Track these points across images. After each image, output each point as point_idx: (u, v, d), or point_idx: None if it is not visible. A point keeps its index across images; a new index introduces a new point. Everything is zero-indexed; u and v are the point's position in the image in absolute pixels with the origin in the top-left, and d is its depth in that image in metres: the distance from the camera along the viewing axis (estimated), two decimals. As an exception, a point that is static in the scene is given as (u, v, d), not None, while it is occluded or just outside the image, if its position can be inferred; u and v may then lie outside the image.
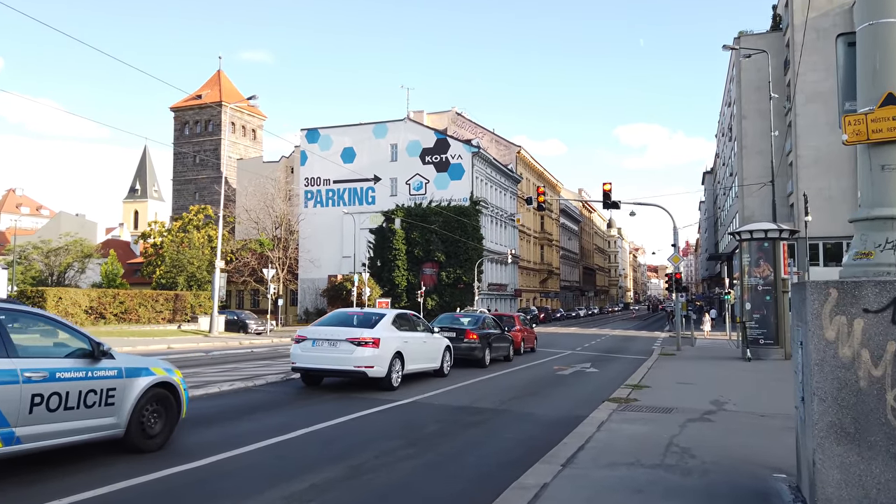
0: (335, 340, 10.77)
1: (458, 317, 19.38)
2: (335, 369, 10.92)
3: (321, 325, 11.80)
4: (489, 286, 60.55)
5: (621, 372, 15.97)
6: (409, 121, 60.39)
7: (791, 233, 20.37)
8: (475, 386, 12.42)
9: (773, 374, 14.95)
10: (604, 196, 24.99)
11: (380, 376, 10.79)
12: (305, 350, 10.91)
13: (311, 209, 61.74)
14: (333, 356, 10.70)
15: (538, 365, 17.94)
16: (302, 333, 11.27)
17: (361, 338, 10.63)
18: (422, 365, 12.54)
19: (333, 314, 12.48)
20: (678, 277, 24.55)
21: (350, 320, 11.59)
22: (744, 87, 51.02)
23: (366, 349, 10.57)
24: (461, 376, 13.85)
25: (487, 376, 14.25)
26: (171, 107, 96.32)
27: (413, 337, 12.24)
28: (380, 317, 11.59)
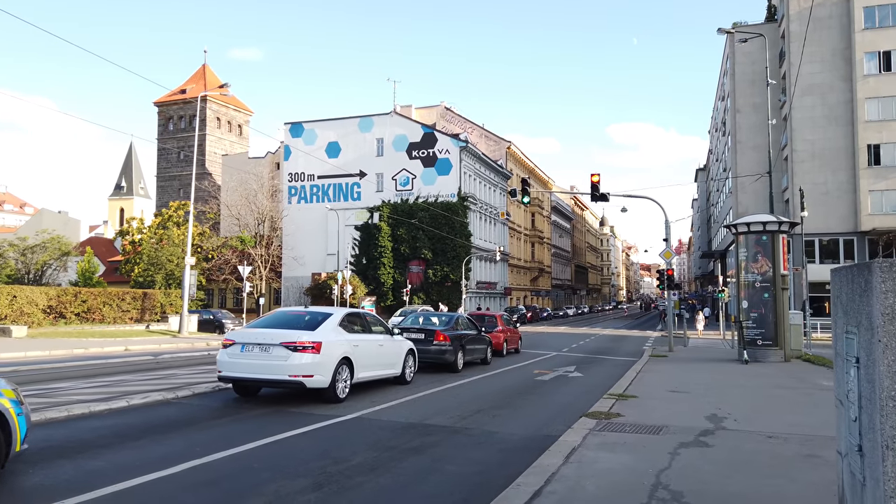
0: (268, 345, 9.18)
1: (428, 316, 17.73)
2: (267, 379, 9.34)
3: (255, 326, 10.31)
4: (478, 284, 59.05)
5: (607, 377, 14.48)
6: (396, 114, 58.77)
7: (791, 225, 18.95)
8: (439, 396, 10.88)
9: (773, 380, 13.49)
10: (592, 188, 23.49)
11: (321, 386, 9.30)
12: (233, 356, 9.36)
13: (295, 205, 60.08)
14: (265, 364, 9.13)
15: (518, 369, 16.42)
16: (230, 337, 9.74)
17: (299, 342, 9.11)
18: (377, 372, 11.08)
19: (273, 314, 10.98)
20: (670, 274, 23.09)
21: (290, 321, 10.10)
22: (738, 81, 49.70)
23: (304, 355, 9.05)
24: (427, 383, 12.33)
25: (457, 383, 12.73)
26: (154, 101, 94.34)
27: (366, 340, 10.75)
28: (325, 317, 10.08)
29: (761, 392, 11.43)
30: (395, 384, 11.81)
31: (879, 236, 42.29)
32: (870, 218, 42.27)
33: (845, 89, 43.61)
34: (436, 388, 11.71)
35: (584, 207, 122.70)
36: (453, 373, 14.56)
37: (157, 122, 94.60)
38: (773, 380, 13.57)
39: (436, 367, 14.82)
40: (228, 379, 9.51)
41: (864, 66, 42.89)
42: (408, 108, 67.27)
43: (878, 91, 42.53)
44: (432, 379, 13.11)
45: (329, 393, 9.41)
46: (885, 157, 42.35)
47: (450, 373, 14.51)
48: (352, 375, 9.98)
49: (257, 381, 9.54)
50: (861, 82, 42.81)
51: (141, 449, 6.18)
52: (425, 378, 13.09)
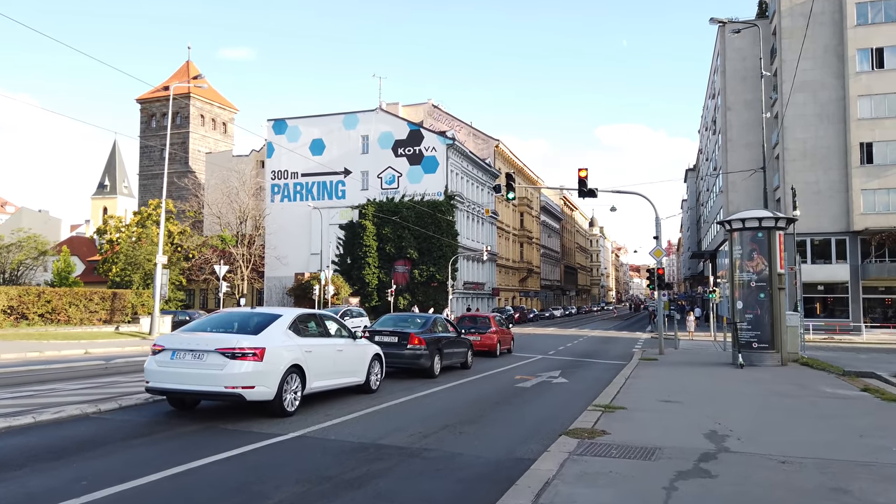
0: (201, 351, 7.98)
1: (402, 318, 16.74)
2: (199, 391, 8.06)
3: (191, 329, 9.05)
4: (465, 285, 57.92)
5: (594, 383, 13.39)
6: (381, 111, 57.55)
7: (788, 221, 17.94)
8: (404, 407, 9.72)
9: (772, 386, 12.44)
10: (579, 183, 22.44)
11: (265, 399, 8.13)
12: (163, 364, 8.15)
13: (279, 204, 58.67)
14: (198, 373, 7.91)
15: (499, 374, 15.29)
16: (160, 341, 8.53)
17: (238, 347, 7.93)
18: (336, 380, 9.95)
19: (215, 315, 9.71)
20: (661, 273, 22.04)
21: (232, 324, 8.95)
22: (729, 77, 48.91)
23: (244, 363, 7.86)
24: (395, 392, 11.18)
25: (429, 391, 11.59)
26: (137, 98, 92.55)
27: (322, 345, 9.63)
28: (272, 319, 8.87)
29: (761, 401, 10.35)
30: (358, 393, 10.71)
31: (872, 236, 41.57)
32: (862, 217, 41.53)
33: (837, 87, 42.88)
34: (403, 398, 10.56)
35: (573, 208, 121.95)
36: (430, 378, 13.53)
37: (140, 120, 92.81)
38: (771, 386, 12.52)
39: (411, 373, 13.87)
40: (157, 391, 8.25)
41: (856, 63, 42.16)
42: (394, 105, 66.09)
43: (870, 88, 41.82)
44: (404, 386, 11.97)
45: (275, 406, 8.25)
46: (877, 155, 41.63)
47: (426, 379, 13.47)
48: (303, 385, 8.84)
49: (189, 394, 8.28)
50: (853, 79, 42.09)
51: (9, 483, 4.98)
52: (397, 385, 11.97)
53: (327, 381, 9.63)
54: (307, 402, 9.16)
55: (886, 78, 41.49)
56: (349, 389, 10.57)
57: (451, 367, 15.49)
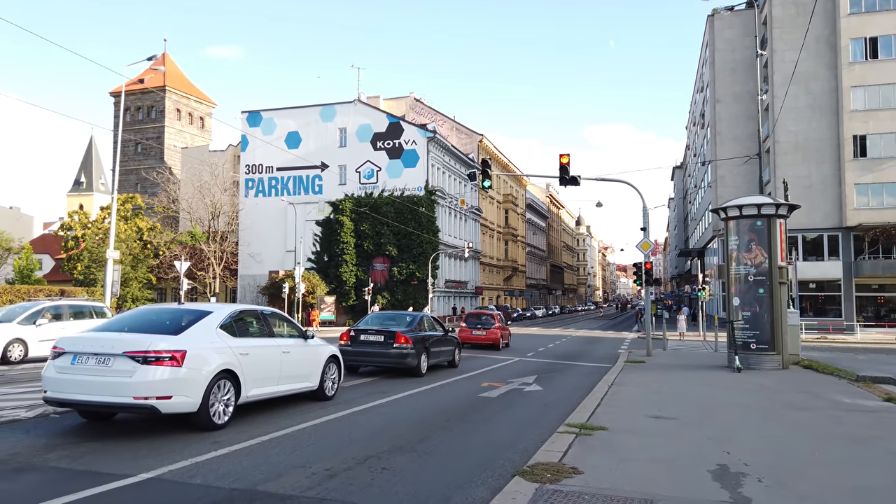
0: (107, 355, 6.69)
1: (388, 317, 16.52)
2: (104, 403, 6.72)
3: (98, 329, 7.69)
4: (447, 283, 55.98)
5: (571, 392, 11.51)
6: (360, 103, 55.43)
7: (790, 208, 16.16)
8: (336, 425, 7.79)
9: (779, 395, 10.62)
10: (561, 170, 20.55)
11: (188, 410, 6.92)
12: (63, 371, 6.84)
13: (253, 199, 56.38)
14: (103, 381, 6.62)
15: (465, 380, 13.37)
16: (61, 343, 7.08)
17: (151, 350, 6.67)
18: (282, 386, 8.65)
19: (132, 312, 8.30)
20: (648, 268, 20.23)
21: (151, 322, 7.69)
22: (718, 69, 47.37)
23: (158, 368, 6.64)
24: (354, 398, 9.38)
25: (380, 402, 9.68)
26: (111, 91, 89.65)
27: (262, 346, 8.33)
28: (198, 316, 7.59)
29: (773, 416, 8.51)
30: (312, 400, 9.51)
31: (865, 232, 40.14)
32: (855, 213, 40.11)
33: (830, 77, 41.45)
34: (349, 410, 8.73)
35: (559, 206, 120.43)
36: (416, 377, 13.34)
37: (114, 113, 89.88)
38: (779, 395, 10.70)
39: (398, 373, 13.62)
40: (55, 401, 6.93)
41: (849, 53, 40.74)
42: (375, 98, 64.01)
43: (864, 79, 40.41)
44: (371, 390, 10.16)
45: (200, 418, 7.05)
46: (871, 148, 40.24)
47: (407, 379, 13.09)
48: (238, 394, 7.61)
49: (91, 406, 6.92)
50: (846, 70, 40.67)
51: None
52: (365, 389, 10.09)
53: (269, 387, 8.36)
54: (247, 411, 8.07)
55: (881, 68, 40.11)
56: (302, 396, 9.32)
57: (438, 365, 15.22)
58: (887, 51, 40.25)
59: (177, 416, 6.96)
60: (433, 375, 13.84)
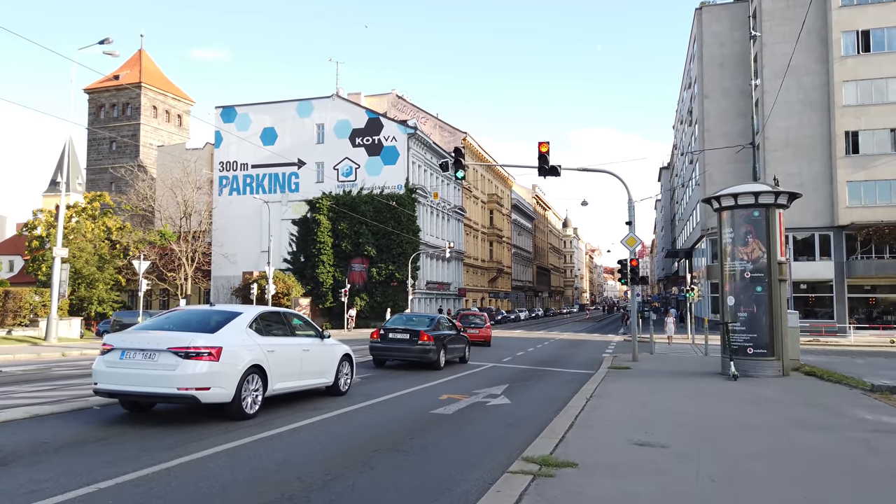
0: (153, 351, 7.51)
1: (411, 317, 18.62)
2: (150, 393, 7.57)
3: (142, 328, 8.48)
4: (428, 284, 54.17)
5: (542, 406, 9.78)
6: (338, 98, 53.57)
7: (790, 197, 14.55)
8: (252, 448, 5.97)
9: (789, 411, 8.94)
10: (540, 159, 18.89)
11: (223, 401, 7.69)
12: (112, 365, 7.65)
13: (227, 197, 54.38)
14: (149, 374, 7.43)
15: (424, 391, 11.58)
16: (109, 341, 7.94)
17: (192, 346, 7.47)
18: (301, 382, 9.45)
19: (170, 313, 9.12)
20: (634, 265, 18.55)
21: (188, 322, 8.38)
22: (706, 64, 45.99)
23: (198, 363, 7.42)
24: (271, 420, 7.47)
25: (309, 421, 7.86)
26: (85, 88, 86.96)
27: (286, 344, 9.11)
28: (230, 317, 8.39)
29: (786, 441, 6.82)
30: (327, 396, 10.26)
31: (858, 231, 38.86)
32: (848, 211, 38.83)
33: (821, 72, 40.19)
34: (288, 426, 6.87)
35: (546, 207, 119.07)
36: (436, 370, 15.17)
37: (88, 111, 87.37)
38: (786, 410, 9.04)
39: (420, 366, 15.56)
40: (105, 392, 7.78)
41: (841, 47, 39.51)
42: (356, 95, 62.17)
43: (856, 73, 39.16)
44: (306, 406, 8.28)
45: (233, 408, 7.81)
46: (864, 144, 38.98)
47: (432, 370, 15.10)
48: (265, 387, 8.38)
49: (139, 396, 7.80)
50: (838, 64, 39.42)
51: None
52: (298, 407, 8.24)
53: (292, 382, 9.18)
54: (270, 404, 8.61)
55: (873, 62, 38.89)
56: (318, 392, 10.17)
57: (451, 360, 16.90)
58: (880, 44, 39.06)
59: (212, 407, 7.66)
60: (392, 383, 12.05)
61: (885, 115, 38.30)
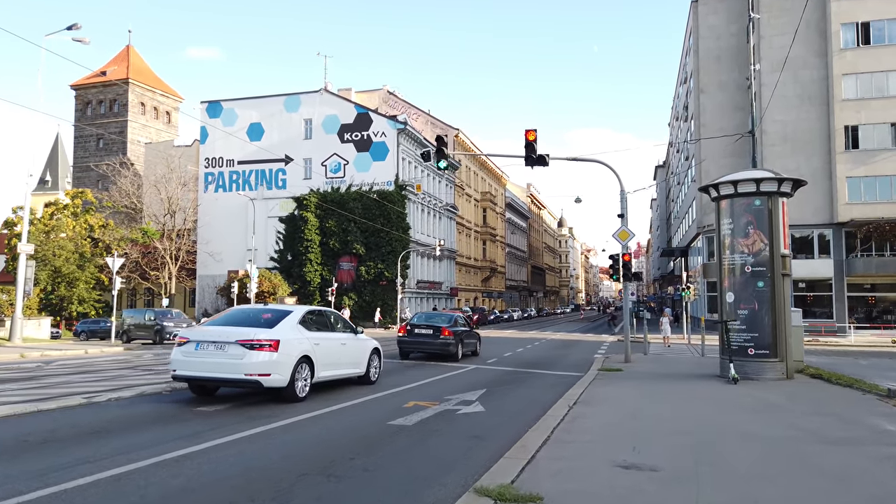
0: (223, 343, 8.85)
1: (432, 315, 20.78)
2: (222, 378, 8.95)
3: (212, 324, 10.03)
4: (418, 284, 52.99)
5: (518, 415, 8.63)
6: (326, 92, 52.36)
7: (795, 184, 13.44)
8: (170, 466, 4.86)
9: (798, 420, 7.81)
10: (526, 148, 17.71)
11: (279, 385, 8.96)
12: (188, 355, 9.04)
13: (212, 194, 53.02)
14: (220, 362, 8.78)
15: (391, 396, 10.42)
16: (185, 334, 9.44)
17: (255, 339, 8.76)
18: (340, 371, 10.83)
19: (231, 311, 10.70)
20: (627, 260, 17.42)
21: (248, 319, 9.72)
22: (702, 57, 44.93)
23: (261, 353, 8.71)
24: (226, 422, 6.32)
25: (246, 433, 6.69)
26: (72, 84, 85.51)
27: (328, 338, 10.46)
28: (283, 314, 9.79)
29: (801, 459, 5.69)
30: (359, 385, 11.51)
31: (858, 228, 37.84)
32: (847, 207, 37.82)
33: (820, 65, 39.18)
34: (242, 433, 5.73)
35: (541, 206, 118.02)
36: (454, 361, 17.15)
37: (75, 107, 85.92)
38: (796, 419, 7.91)
39: (439, 357, 17.59)
40: (182, 378, 9.26)
41: (840, 39, 38.49)
42: (347, 90, 61.10)
43: (856, 66, 38.15)
44: (250, 414, 7.10)
45: (288, 392, 9.11)
46: (864, 139, 37.98)
47: (451, 362, 17.04)
48: (312, 374, 9.70)
49: (212, 381, 9.25)
50: (837, 57, 38.41)
51: None
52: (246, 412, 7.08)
53: (333, 371, 10.44)
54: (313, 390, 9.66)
55: (873, 55, 37.88)
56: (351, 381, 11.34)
57: (465, 354, 18.55)
58: (880, 37, 38.07)
59: (270, 391, 8.98)
60: (345, 394, 10.91)
61: (886, 109, 37.30)
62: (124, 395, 9.65)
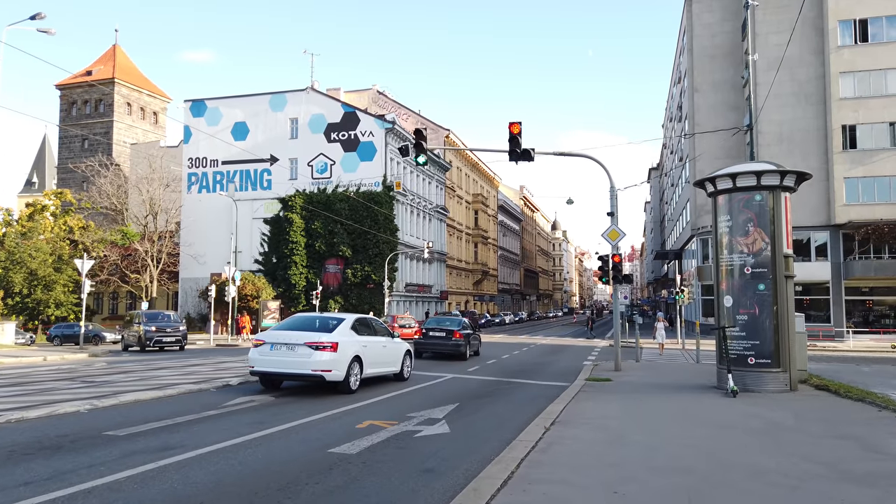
0: (293, 344, 10.83)
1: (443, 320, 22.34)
2: (293, 373, 10.92)
3: (280, 328, 11.77)
4: (407, 287, 51.72)
5: (484, 441, 7.41)
6: (313, 91, 51.09)
7: (799, 177, 12.29)
8: None
9: (808, 445, 6.63)
10: (510, 142, 16.57)
11: (337, 380, 10.91)
12: (264, 354, 11.01)
13: (196, 195, 51.63)
14: (291, 360, 10.79)
15: (346, 414, 9.17)
16: (260, 337, 11.36)
17: (319, 342, 10.74)
18: (382, 369, 12.66)
19: (293, 318, 12.43)
20: (617, 261, 16.24)
21: (310, 324, 11.67)
22: (696, 56, 43.97)
23: (324, 353, 10.70)
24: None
25: (172, 459, 5.47)
26: (56, 84, 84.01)
27: (373, 341, 12.25)
28: (339, 321, 11.70)
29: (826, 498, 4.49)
30: (394, 381, 13.24)
31: (856, 229, 36.86)
32: (845, 209, 36.84)
33: (817, 63, 38.26)
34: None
35: (534, 209, 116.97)
36: (463, 361, 18.99)
37: (60, 107, 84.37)
38: (811, 446, 6.72)
39: (451, 357, 19.52)
40: (259, 373, 11.23)
41: (837, 37, 37.56)
42: (336, 90, 59.80)
43: (853, 65, 37.22)
44: (157, 444, 5.87)
45: (344, 385, 11.07)
46: (861, 139, 37.03)
47: (460, 361, 18.81)
48: (361, 371, 11.55)
49: (284, 376, 11.15)
50: (834, 55, 37.47)
51: None
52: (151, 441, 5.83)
53: (376, 369, 12.38)
54: None
55: (871, 53, 36.96)
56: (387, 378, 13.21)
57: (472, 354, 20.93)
58: (878, 34, 37.16)
59: (329, 384, 10.95)
60: (307, 407, 9.71)
61: (884, 108, 36.37)
62: (28, 416, 8.37)
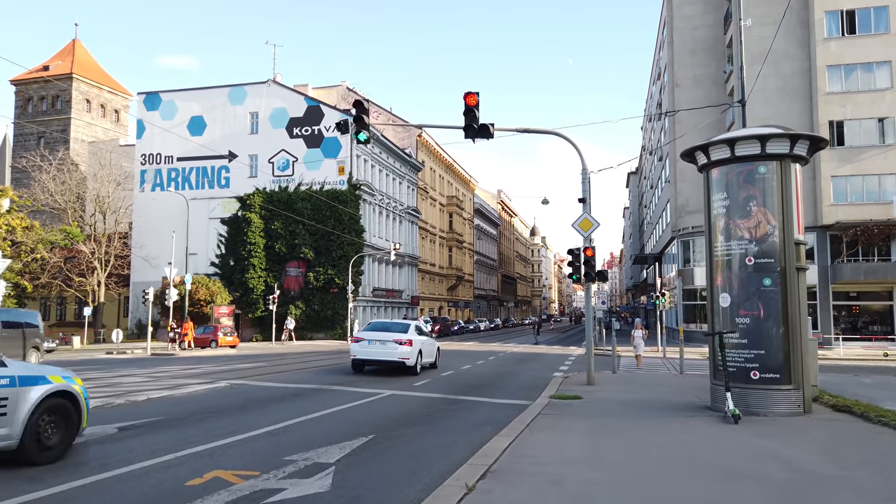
0: (385, 341, 16.43)
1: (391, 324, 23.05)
2: (385, 360, 16.38)
3: (369, 330, 17.43)
4: (374, 291, 48.91)
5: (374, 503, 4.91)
6: (274, 83, 48.24)
7: (813, 144, 9.89)
8: None
9: None
10: (466, 115, 14.04)
11: (412, 365, 16.42)
12: (362, 347, 16.61)
13: (148, 193, 48.42)
14: (384, 351, 16.34)
15: (200, 456, 6.48)
16: (358, 335, 17.40)
17: (401, 339, 16.42)
18: (429, 360, 18.20)
19: (375, 322, 18.39)
20: (589, 255, 13.70)
21: (389, 327, 17.42)
22: (676, 50, 41.97)
23: (405, 347, 16.29)
24: None
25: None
26: (11, 79, 79.94)
27: (425, 340, 17.89)
28: (408, 326, 17.55)
29: None
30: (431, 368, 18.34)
31: (844, 231, 34.93)
32: (832, 209, 34.91)
33: (802, 57, 36.37)
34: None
35: (512, 213, 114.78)
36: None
37: (15, 104, 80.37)
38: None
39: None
40: (358, 360, 16.75)
41: (824, 28, 35.71)
42: (304, 86, 56.86)
43: (840, 58, 35.38)
44: None
45: (414, 369, 16.51)
46: (849, 136, 35.17)
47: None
48: (421, 359, 17.14)
49: (377, 362, 16.66)
50: (821, 47, 35.61)
51: None
52: None
53: (427, 359, 17.96)
54: None
55: (859, 45, 35.13)
56: None
57: None
58: (866, 25, 35.37)
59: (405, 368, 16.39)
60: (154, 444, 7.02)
61: (873, 103, 34.56)
62: None
